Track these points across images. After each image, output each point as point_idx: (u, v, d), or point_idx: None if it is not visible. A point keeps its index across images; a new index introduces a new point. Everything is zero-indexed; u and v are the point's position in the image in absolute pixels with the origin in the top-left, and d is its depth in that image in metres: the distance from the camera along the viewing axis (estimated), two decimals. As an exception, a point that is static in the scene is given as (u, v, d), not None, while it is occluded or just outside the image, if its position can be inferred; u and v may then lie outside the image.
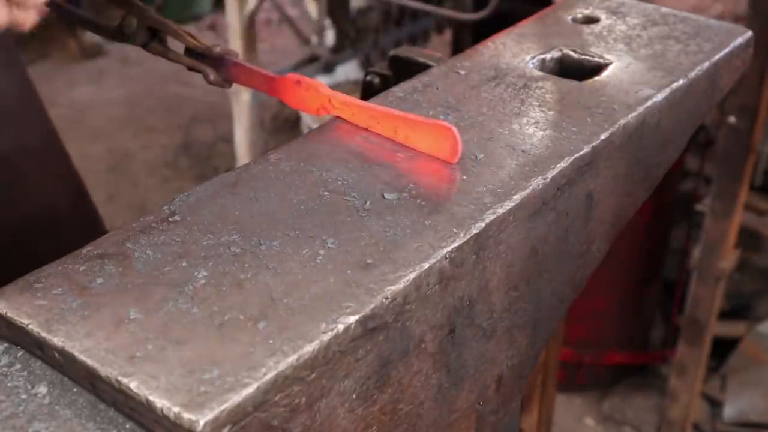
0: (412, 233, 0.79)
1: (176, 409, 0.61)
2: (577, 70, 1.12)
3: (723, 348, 3.04)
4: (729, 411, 2.96)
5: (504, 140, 0.94)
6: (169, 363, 0.65)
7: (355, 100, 0.97)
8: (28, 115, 1.22)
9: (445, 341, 0.81)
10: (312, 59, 3.96)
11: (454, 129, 0.89)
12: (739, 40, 1.17)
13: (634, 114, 1.00)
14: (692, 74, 1.09)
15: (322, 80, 1.05)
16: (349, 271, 0.75)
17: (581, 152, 0.93)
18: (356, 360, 0.72)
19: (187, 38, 1.02)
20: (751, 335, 3.09)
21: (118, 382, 0.64)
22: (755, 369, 3.03)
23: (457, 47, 4.02)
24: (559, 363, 1.74)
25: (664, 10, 1.25)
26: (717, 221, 2.43)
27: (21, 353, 0.71)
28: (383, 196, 0.84)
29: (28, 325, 0.69)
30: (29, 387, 0.69)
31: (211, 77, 1.02)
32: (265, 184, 0.86)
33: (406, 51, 1.21)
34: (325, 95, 0.97)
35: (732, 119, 2.31)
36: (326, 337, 0.68)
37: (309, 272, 0.75)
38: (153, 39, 1.04)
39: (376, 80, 1.21)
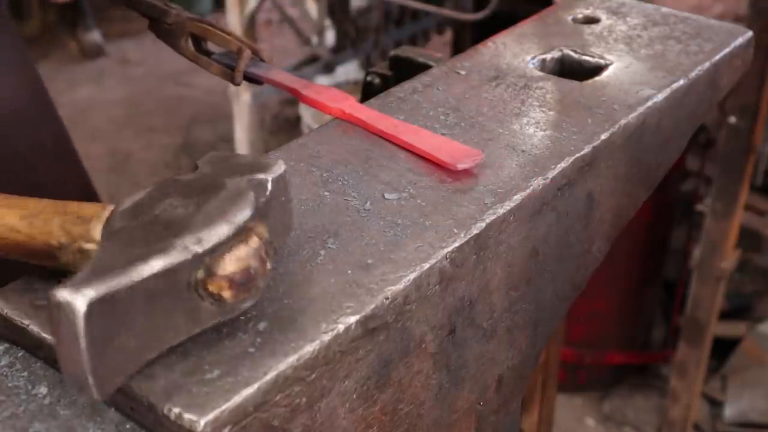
0: (412, 233, 0.79)
1: (177, 410, 0.61)
2: (577, 70, 1.11)
3: (723, 348, 3.04)
4: (730, 411, 2.96)
5: (504, 140, 0.94)
6: (169, 363, 0.65)
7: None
8: (41, 115, 1.21)
9: (446, 341, 0.81)
10: (312, 59, 3.96)
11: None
12: (740, 40, 1.17)
13: (635, 114, 1.00)
14: (693, 74, 1.09)
15: (323, 80, 1.06)
16: (349, 271, 0.75)
17: (582, 152, 0.92)
18: (357, 360, 0.72)
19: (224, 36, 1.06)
20: (751, 335, 3.09)
21: (119, 382, 0.64)
22: (756, 369, 3.03)
23: (458, 47, 4.03)
24: (559, 363, 1.74)
25: (664, 10, 1.25)
26: (717, 221, 2.43)
27: (21, 353, 0.71)
28: (383, 196, 0.84)
29: (28, 325, 0.69)
30: (30, 387, 0.69)
31: (237, 80, 1.04)
32: (266, 185, 0.85)
33: (406, 51, 1.21)
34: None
35: (732, 119, 2.31)
36: (327, 338, 0.68)
37: (309, 272, 0.75)
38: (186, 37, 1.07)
39: (377, 80, 1.21)
